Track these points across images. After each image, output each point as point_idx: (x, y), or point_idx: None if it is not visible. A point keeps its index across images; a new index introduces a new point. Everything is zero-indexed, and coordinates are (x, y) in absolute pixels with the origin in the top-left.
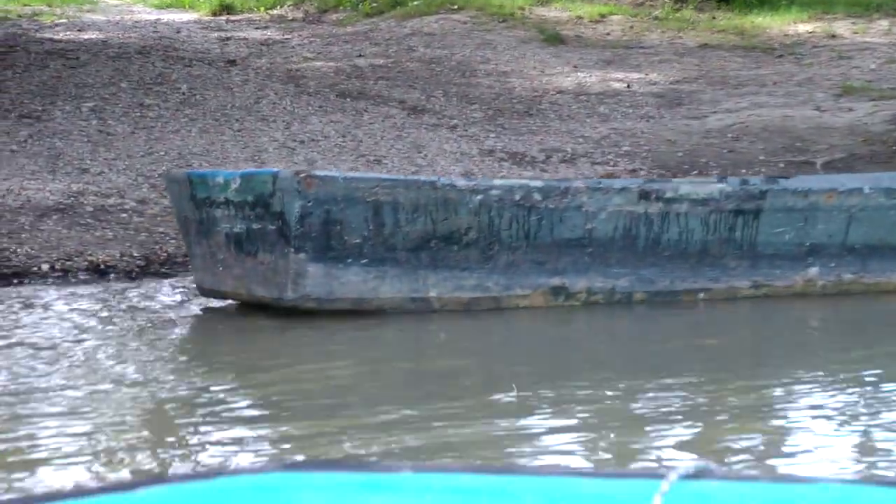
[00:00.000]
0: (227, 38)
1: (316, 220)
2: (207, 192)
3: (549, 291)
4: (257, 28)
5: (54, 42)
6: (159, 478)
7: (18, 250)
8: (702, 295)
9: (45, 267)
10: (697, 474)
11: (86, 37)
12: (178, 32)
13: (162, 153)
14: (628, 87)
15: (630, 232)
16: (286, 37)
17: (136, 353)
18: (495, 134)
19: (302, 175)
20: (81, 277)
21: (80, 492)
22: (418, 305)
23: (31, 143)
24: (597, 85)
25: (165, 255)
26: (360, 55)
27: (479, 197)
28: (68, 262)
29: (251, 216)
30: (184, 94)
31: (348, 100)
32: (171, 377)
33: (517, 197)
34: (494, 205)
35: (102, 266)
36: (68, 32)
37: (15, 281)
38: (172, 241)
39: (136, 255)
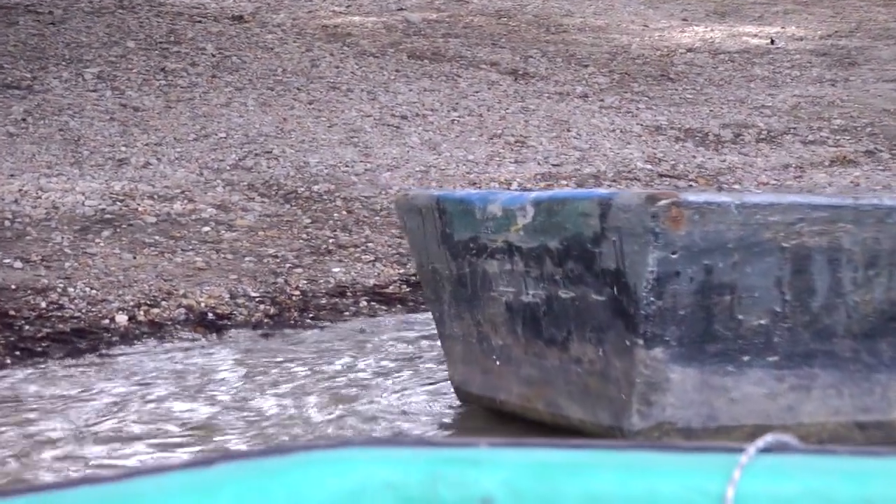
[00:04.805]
0: None
1: (686, 287)
2: (474, 230)
3: None
4: None
5: None
6: (225, 455)
7: (70, 290)
8: None
9: (121, 318)
10: (777, 448)
11: None
12: None
13: (222, 135)
14: (772, 42)
15: None
16: None
17: None
18: (644, 105)
19: (663, 202)
20: (184, 336)
21: (158, 468)
22: (870, 435)
23: (33, 122)
24: (728, 41)
25: (298, 293)
26: (402, 8)
27: None
28: (154, 309)
29: (557, 275)
30: (213, 55)
31: (426, 62)
32: None
33: None
34: None
35: (211, 315)
36: None
37: (83, 344)
38: (298, 271)
39: (253, 294)
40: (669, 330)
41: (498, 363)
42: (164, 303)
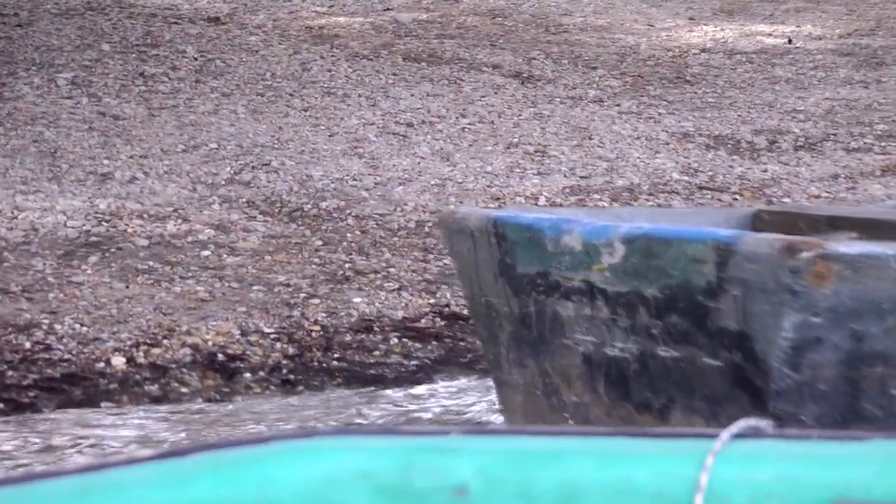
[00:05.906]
0: None
1: (829, 357)
2: (542, 263)
3: None
4: None
5: None
6: (200, 445)
7: (57, 327)
8: None
9: (117, 361)
10: (751, 433)
11: None
12: None
13: (213, 146)
14: (789, 41)
15: None
16: None
17: None
18: (665, 109)
19: (807, 254)
20: (192, 384)
21: (133, 459)
22: None
23: (5, 133)
24: (742, 41)
25: (318, 329)
26: (389, 8)
27: None
28: (155, 350)
29: (655, 329)
30: (195, 58)
31: (423, 64)
32: None
33: None
34: None
35: (221, 356)
36: None
37: (77, 393)
38: (314, 302)
39: (267, 330)
40: (807, 408)
41: (571, 423)
42: (165, 342)
